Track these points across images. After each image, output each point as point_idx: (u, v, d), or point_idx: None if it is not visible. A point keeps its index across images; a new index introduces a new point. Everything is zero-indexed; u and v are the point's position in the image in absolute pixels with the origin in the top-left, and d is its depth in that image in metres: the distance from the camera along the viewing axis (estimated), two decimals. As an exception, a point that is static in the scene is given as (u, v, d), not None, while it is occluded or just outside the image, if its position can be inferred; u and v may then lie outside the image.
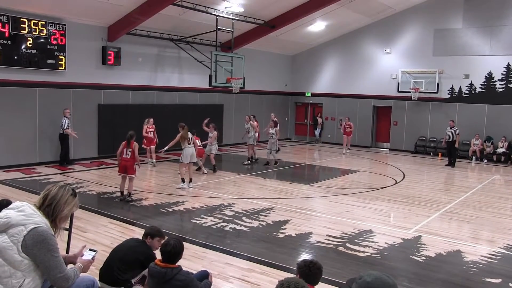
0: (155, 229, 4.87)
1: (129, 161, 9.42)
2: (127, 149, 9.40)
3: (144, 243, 4.74)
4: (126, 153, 9.40)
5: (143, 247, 4.70)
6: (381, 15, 19.65)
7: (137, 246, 4.71)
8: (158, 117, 16.08)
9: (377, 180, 13.45)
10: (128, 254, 4.61)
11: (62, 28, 13.18)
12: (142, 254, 4.62)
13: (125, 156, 9.42)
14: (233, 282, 5.63)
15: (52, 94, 13.38)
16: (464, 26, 18.22)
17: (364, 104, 20.91)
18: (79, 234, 6.98)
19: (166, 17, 14.58)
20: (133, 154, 9.37)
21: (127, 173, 9.46)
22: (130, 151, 9.38)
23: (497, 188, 13.02)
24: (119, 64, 14.85)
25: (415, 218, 9.04)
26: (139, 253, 4.63)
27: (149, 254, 4.64)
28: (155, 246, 4.73)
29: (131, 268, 4.58)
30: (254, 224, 8.19)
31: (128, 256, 4.59)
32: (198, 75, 16.97)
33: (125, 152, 9.41)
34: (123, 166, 9.44)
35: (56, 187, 3.12)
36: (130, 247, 4.73)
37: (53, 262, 2.90)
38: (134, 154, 9.35)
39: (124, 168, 9.44)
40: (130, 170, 9.44)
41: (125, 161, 9.43)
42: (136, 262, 4.58)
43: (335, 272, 5.97)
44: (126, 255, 4.61)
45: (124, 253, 4.64)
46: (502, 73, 17.60)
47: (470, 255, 6.92)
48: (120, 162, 9.49)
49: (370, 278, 2.06)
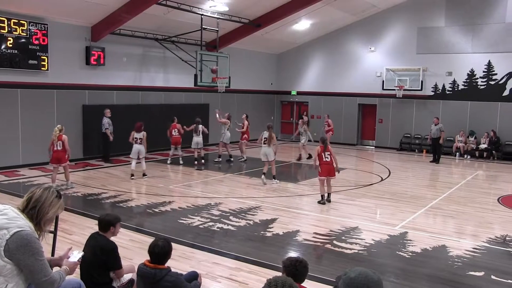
0: (112, 216, 4.69)
1: (60, 153, 10.34)
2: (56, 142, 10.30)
3: (101, 238, 4.50)
4: (57, 146, 10.31)
5: (100, 244, 4.45)
6: (365, 14, 19.80)
7: (95, 246, 4.44)
8: (144, 118, 15.95)
9: (363, 177, 13.57)
10: (90, 259, 4.32)
11: (44, 28, 12.97)
12: (101, 252, 4.37)
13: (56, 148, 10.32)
14: (221, 282, 5.62)
15: (34, 95, 13.17)
16: (446, 25, 18.47)
17: (350, 102, 21.05)
18: (64, 237, 6.90)
19: (150, 17, 14.47)
20: (63, 145, 10.34)
21: (59, 163, 10.43)
22: (61, 143, 10.31)
23: (480, 183, 13.24)
24: (103, 64, 14.69)
25: (401, 214, 9.15)
26: (98, 253, 4.37)
27: (108, 249, 4.41)
28: (117, 232, 4.63)
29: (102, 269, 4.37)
30: (242, 223, 8.19)
31: (91, 258, 4.33)
32: (184, 74, 16.89)
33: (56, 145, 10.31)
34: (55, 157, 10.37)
35: (40, 189, 3.07)
36: (89, 250, 4.43)
37: (37, 266, 2.85)
38: (64, 146, 10.35)
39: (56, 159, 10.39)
40: (63, 160, 10.42)
41: (56, 153, 10.34)
42: (100, 263, 4.36)
43: (323, 270, 6.01)
44: (88, 259, 4.30)
45: (89, 255, 4.36)
46: (484, 70, 17.90)
47: (455, 250, 7.03)
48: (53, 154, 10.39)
49: (354, 273, 2.07)
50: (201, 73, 14.77)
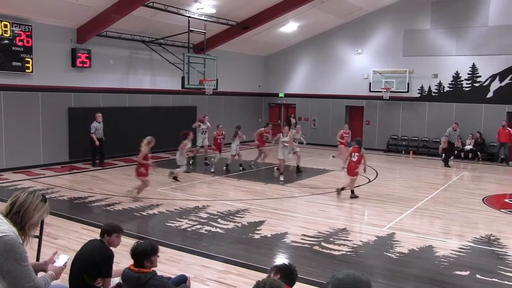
0: (111, 225, 4.62)
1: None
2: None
3: (102, 243, 4.47)
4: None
5: (100, 247, 4.42)
6: (352, 16, 19.95)
7: (94, 248, 4.42)
8: (131, 120, 15.87)
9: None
10: (86, 259, 4.32)
11: (28, 29, 12.78)
12: (98, 255, 4.32)
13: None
14: (210, 285, 5.60)
15: (18, 97, 12.96)
16: (432, 27, 18.71)
17: (337, 104, 21.17)
18: (50, 241, 6.80)
19: (137, 19, 14.38)
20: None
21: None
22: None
23: (466, 184, 13.42)
24: (89, 66, 14.55)
25: (389, 215, 9.22)
26: (95, 254, 4.33)
27: (104, 254, 4.36)
28: (114, 243, 4.51)
29: (94, 273, 4.31)
30: (230, 226, 8.17)
31: (87, 261, 4.30)
32: (171, 77, 16.80)
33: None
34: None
35: (24, 193, 3.02)
36: (88, 250, 4.43)
37: (21, 272, 2.79)
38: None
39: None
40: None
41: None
42: (93, 264, 4.29)
43: (311, 272, 6.02)
44: (84, 259, 4.32)
45: (83, 258, 4.36)
46: (468, 72, 18.17)
47: (441, 250, 7.10)
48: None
49: (342, 275, 2.08)
50: (188, 75, 14.72)
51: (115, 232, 4.54)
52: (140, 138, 10.33)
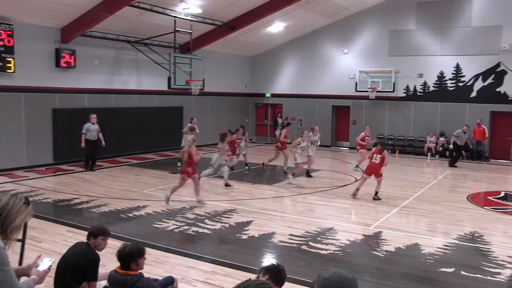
0: (97, 227, 4.55)
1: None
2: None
3: (88, 246, 4.40)
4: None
5: (85, 250, 4.35)
6: (338, 16, 20.06)
7: (80, 251, 4.35)
8: (117, 121, 15.71)
9: (338, 178, 13.71)
10: (71, 262, 4.25)
11: (9, 29, 12.53)
12: (83, 258, 4.25)
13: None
14: (197, 286, 5.57)
15: (0, 98, 12.72)
16: (417, 27, 18.91)
17: (323, 104, 21.26)
18: (34, 245, 6.68)
19: (122, 19, 14.24)
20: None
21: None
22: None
23: (450, 182, 13.59)
24: (74, 66, 14.36)
25: (375, 214, 9.28)
26: (81, 257, 4.27)
27: (90, 257, 4.29)
28: (100, 246, 4.44)
29: (79, 276, 4.24)
30: (217, 226, 8.14)
31: (72, 264, 4.24)
32: (157, 77, 16.67)
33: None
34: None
35: (6, 196, 2.95)
36: (73, 253, 4.36)
37: (2, 277, 2.73)
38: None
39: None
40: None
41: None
42: (79, 268, 4.23)
43: (299, 271, 6.02)
44: (69, 263, 4.25)
45: (68, 261, 4.29)
46: (452, 72, 18.41)
47: (427, 248, 7.18)
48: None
49: (328, 274, 2.08)
50: (174, 75, 14.63)
51: (101, 235, 4.46)
52: (126, 139, 10.21)
